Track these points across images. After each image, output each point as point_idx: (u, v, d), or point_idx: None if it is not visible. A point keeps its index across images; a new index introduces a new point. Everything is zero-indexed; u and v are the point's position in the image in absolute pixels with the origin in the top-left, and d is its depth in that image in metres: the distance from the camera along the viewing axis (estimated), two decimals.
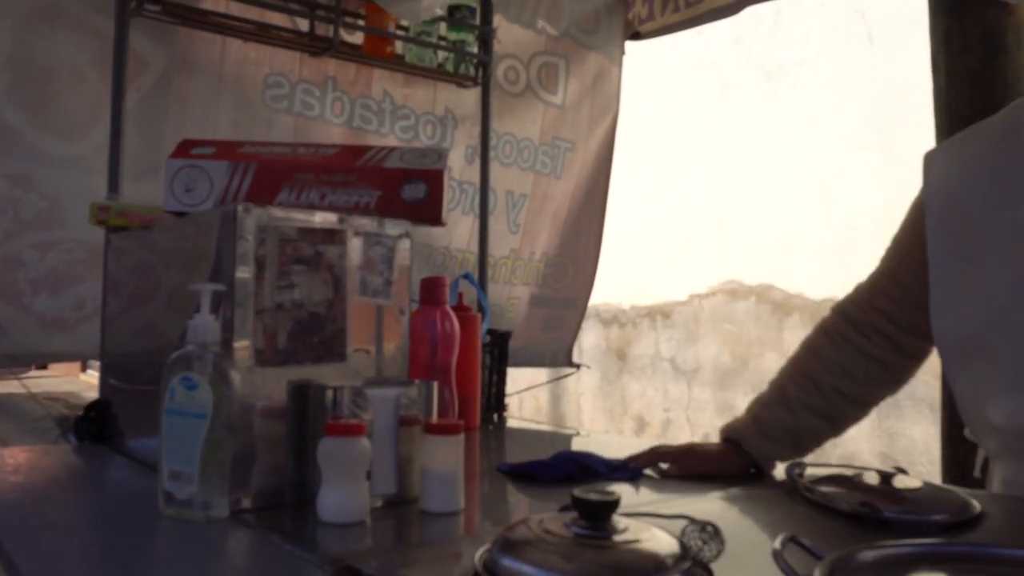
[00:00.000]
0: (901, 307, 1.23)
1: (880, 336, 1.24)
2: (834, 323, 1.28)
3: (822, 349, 1.27)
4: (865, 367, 1.24)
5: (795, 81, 4.31)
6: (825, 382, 1.24)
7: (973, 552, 0.77)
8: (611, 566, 0.67)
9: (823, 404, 1.24)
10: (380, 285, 1.09)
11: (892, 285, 1.24)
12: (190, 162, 1.16)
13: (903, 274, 1.23)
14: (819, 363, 1.25)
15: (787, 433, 1.24)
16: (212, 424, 0.92)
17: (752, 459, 1.24)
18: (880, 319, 1.24)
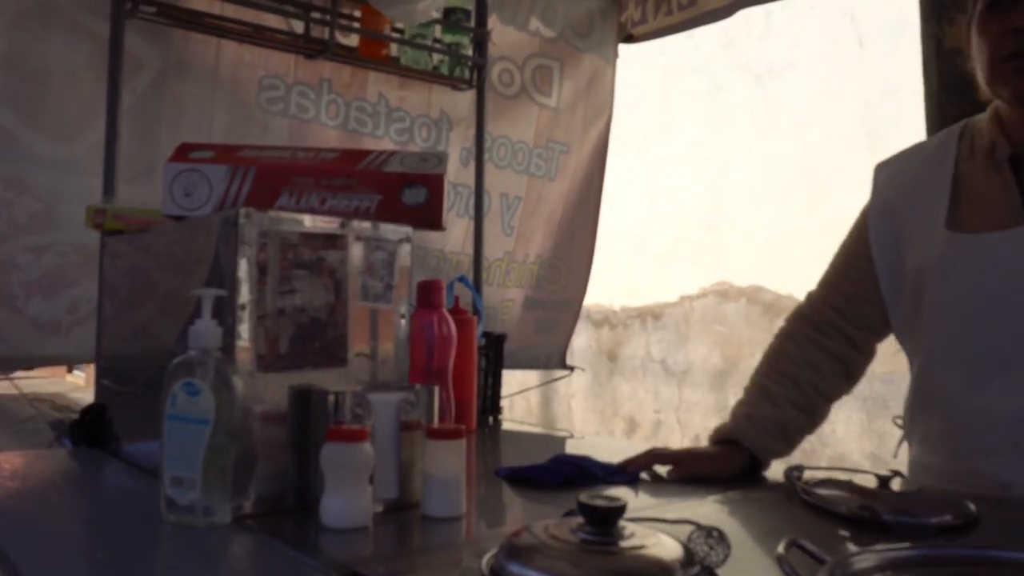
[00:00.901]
0: (853, 303, 1.34)
1: (837, 332, 1.34)
2: (794, 327, 1.38)
3: (790, 350, 1.36)
4: (829, 364, 1.34)
5: (785, 84, 4.33)
6: (801, 378, 1.32)
7: (974, 555, 0.78)
8: (619, 572, 0.68)
9: (802, 399, 1.32)
10: (381, 290, 1.10)
11: (844, 283, 1.35)
12: (189, 166, 1.16)
13: (853, 272, 1.34)
14: (791, 362, 1.34)
15: (777, 428, 1.29)
16: (214, 430, 0.91)
17: (748, 457, 1.26)
18: (836, 316, 1.35)
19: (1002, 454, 1.13)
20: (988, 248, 1.17)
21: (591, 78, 2.76)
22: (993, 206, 1.19)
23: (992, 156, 1.21)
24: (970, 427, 1.17)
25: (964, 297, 1.18)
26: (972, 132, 1.27)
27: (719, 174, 4.54)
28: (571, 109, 2.72)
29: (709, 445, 1.30)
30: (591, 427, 5.29)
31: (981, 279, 1.17)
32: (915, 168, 1.31)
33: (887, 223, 1.30)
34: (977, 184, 1.22)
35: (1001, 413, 1.14)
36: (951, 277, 1.19)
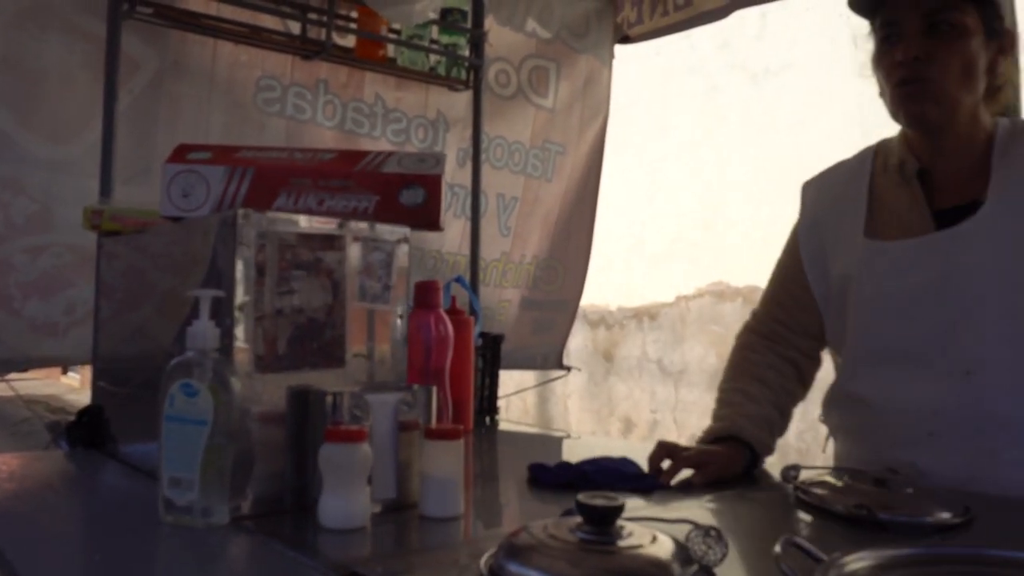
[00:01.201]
0: (794, 315, 1.44)
1: (784, 341, 1.45)
2: (749, 339, 1.48)
3: (752, 357, 1.45)
4: (787, 369, 1.44)
5: (781, 84, 4.34)
6: (771, 380, 1.41)
7: (970, 554, 0.78)
8: (617, 572, 0.68)
9: (776, 399, 1.40)
10: (379, 290, 1.10)
11: (784, 297, 1.46)
12: (187, 167, 1.16)
13: (790, 285, 1.45)
14: (757, 367, 1.43)
15: (766, 424, 1.35)
16: (212, 431, 0.91)
17: (749, 453, 1.28)
18: (781, 328, 1.45)
19: (919, 444, 1.21)
20: (900, 254, 1.27)
21: (587, 79, 2.76)
22: (904, 217, 1.29)
23: (902, 171, 1.32)
24: (889, 420, 1.26)
25: (879, 299, 1.28)
26: (886, 150, 1.38)
27: (715, 174, 4.54)
28: (567, 110, 2.72)
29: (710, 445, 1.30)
30: (587, 427, 5.30)
31: (894, 283, 1.26)
32: (836, 185, 1.42)
33: (815, 237, 1.41)
34: (890, 197, 1.33)
35: (916, 406, 1.22)
36: (868, 282, 1.29)
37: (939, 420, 1.21)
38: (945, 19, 1.22)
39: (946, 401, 1.20)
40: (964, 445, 1.19)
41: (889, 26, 1.25)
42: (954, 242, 1.23)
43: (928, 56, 1.22)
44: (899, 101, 1.25)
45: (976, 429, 1.19)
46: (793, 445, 4.22)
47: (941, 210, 1.27)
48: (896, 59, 1.23)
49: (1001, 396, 1.18)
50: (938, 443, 1.20)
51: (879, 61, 1.28)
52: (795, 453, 4.09)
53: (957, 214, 1.25)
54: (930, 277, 1.23)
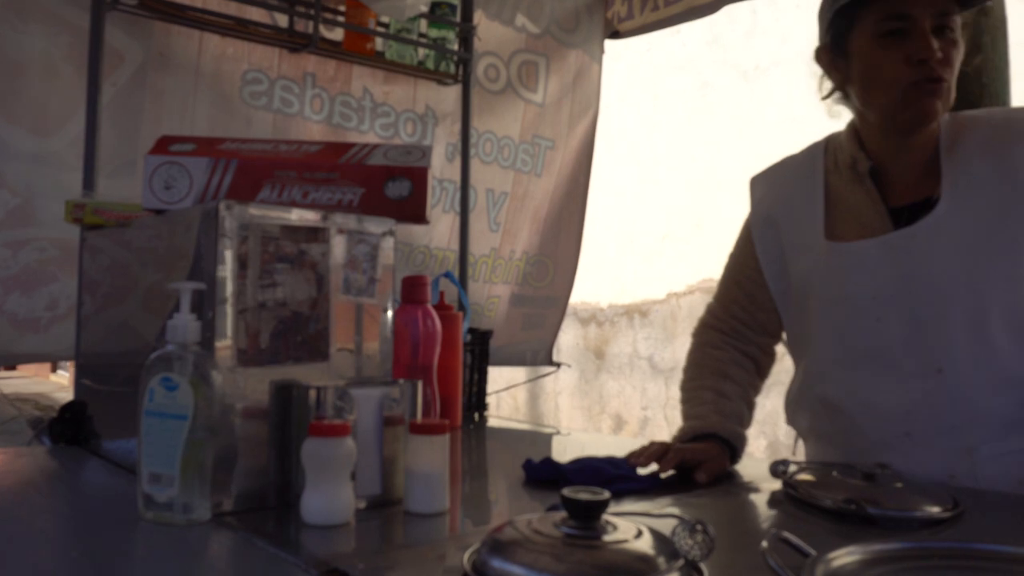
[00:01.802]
0: (750, 312, 1.45)
1: (745, 338, 1.46)
2: (709, 336, 1.48)
3: (716, 354, 1.44)
4: (748, 363, 1.45)
5: (771, 81, 4.34)
6: (734, 375, 1.42)
7: (958, 548, 0.78)
8: (602, 566, 0.67)
9: (743, 392, 1.41)
10: (364, 283, 1.08)
11: (738, 293, 1.46)
12: (169, 159, 1.14)
13: (744, 282, 1.45)
14: (720, 362, 1.43)
15: (739, 420, 1.36)
16: (193, 425, 0.90)
17: (729, 449, 1.28)
18: (739, 325, 1.46)
19: (894, 446, 1.22)
20: (862, 254, 1.26)
21: (577, 74, 2.75)
22: (862, 216, 1.29)
23: (854, 170, 1.31)
24: (864, 423, 1.26)
25: (844, 301, 1.28)
26: (835, 147, 1.37)
27: (706, 171, 4.54)
28: (557, 105, 2.71)
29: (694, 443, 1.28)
30: (578, 424, 5.29)
31: (858, 283, 1.26)
32: (789, 182, 1.41)
33: (771, 235, 1.40)
34: (845, 196, 1.32)
35: (889, 407, 1.23)
36: (832, 283, 1.29)
37: (913, 420, 1.21)
38: (951, 22, 1.21)
39: (919, 401, 1.21)
40: (941, 443, 1.20)
41: (899, 20, 1.20)
42: (914, 240, 1.22)
43: (945, 57, 1.19)
44: (915, 98, 1.20)
45: (951, 426, 1.19)
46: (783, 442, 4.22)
47: (896, 208, 1.27)
48: (917, 56, 1.18)
49: (973, 392, 1.19)
50: (914, 443, 1.21)
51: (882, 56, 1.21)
52: (785, 451, 4.10)
53: (913, 211, 1.25)
54: (894, 276, 1.23)
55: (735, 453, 1.29)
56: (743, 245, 1.47)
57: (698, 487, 1.14)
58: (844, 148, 1.34)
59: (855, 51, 1.25)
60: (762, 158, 1.42)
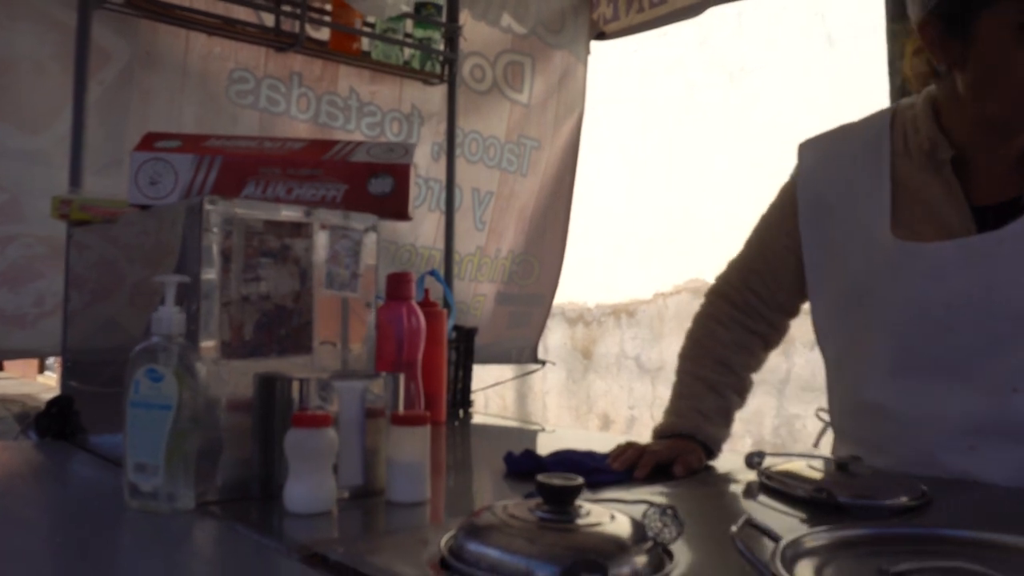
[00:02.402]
0: (771, 289, 1.36)
1: (758, 315, 1.38)
2: (719, 307, 1.39)
3: (720, 334, 1.38)
4: (754, 342, 1.39)
5: (758, 82, 4.37)
6: (734, 363, 1.36)
7: (920, 534, 0.80)
8: (574, 548, 0.69)
9: (738, 382, 1.37)
10: (347, 278, 1.10)
11: (763, 267, 1.36)
12: (155, 155, 1.16)
13: (771, 257, 1.35)
14: (723, 347, 1.37)
15: (723, 415, 1.33)
16: (177, 416, 0.92)
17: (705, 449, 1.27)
18: (755, 300, 1.37)
19: (957, 456, 1.14)
20: (938, 258, 1.14)
21: (563, 74, 2.77)
22: (939, 213, 1.16)
23: (933, 157, 1.17)
24: (924, 433, 1.17)
25: (913, 307, 1.16)
26: (904, 122, 1.22)
27: (693, 172, 4.58)
28: (543, 105, 2.73)
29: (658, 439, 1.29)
30: (566, 423, 5.32)
31: (931, 289, 1.15)
32: (847, 161, 1.26)
33: (821, 220, 1.27)
34: (918, 186, 1.19)
35: (955, 421, 1.14)
36: (899, 286, 1.17)
37: (980, 435, 1.13)
38: None
39: (989, 416, 1.12)
40: (1010, 456, 1.11)
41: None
42: (1000, 246, 1.11)
43: None
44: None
45: (1018, 440, 1.11)
46: (768, 440, 4.26)
47: (980, 207, 1.15)
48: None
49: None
50: (980, 455, 1.13)
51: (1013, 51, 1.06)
52: (770, 448, 4.13)
53: (998, 213, 1.13)
54: (972, 285, 1.12)
55: (711, 454, 1.29)
56: (779, 216, 1.33)
57: (674, 478, 1.16)
58: (920, 128, 1.19)
59: (982, 37, 1.08)
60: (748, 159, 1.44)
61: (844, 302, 1.26)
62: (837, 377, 1.31)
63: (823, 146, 1.32)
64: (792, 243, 1.31)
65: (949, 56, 1.13)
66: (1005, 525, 0.79)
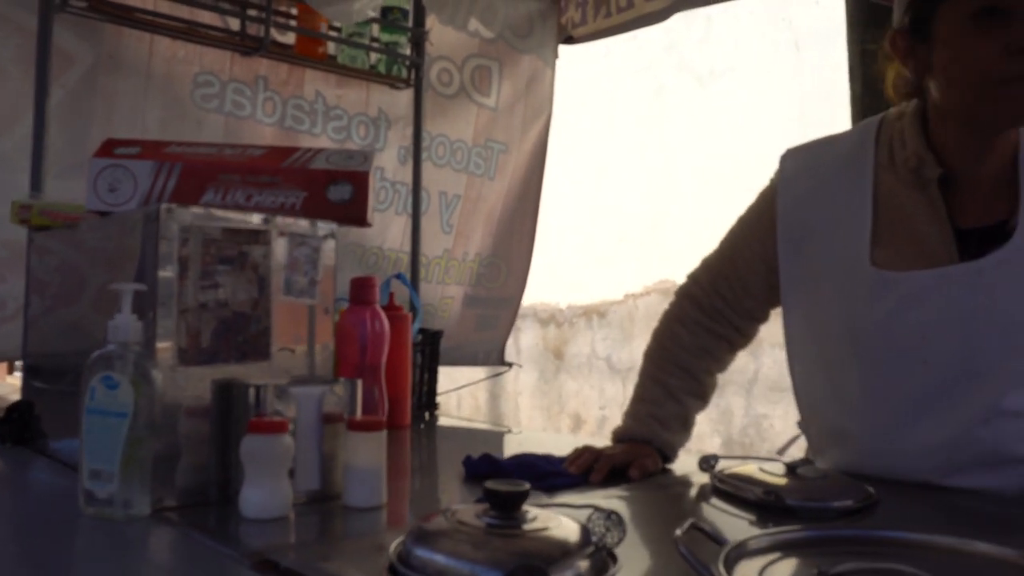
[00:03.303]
0: (739, 295, 1.34)
1: (724, 319, 1.36)
2: (685, 309, 1.38)
3: (683, 338, 1.37)
4: (718, 346, 1.37)
5: (726, 85, 4.41)
6: (696, 367, 1.36)
7: (860, 535, 0.83)
8: (519, 553, 0.70)
9: (699, 387, 1.36)
10: (305, 285, 1.11)
11: (732, 272, 1.34)
12: (114, 161, 1.16)
13: (741, 263, 1.33)
14: (686, 351, 1.36)
15: (681, 422, 1.33)
16: (133, 423, 0.92)
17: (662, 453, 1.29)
18: (722, 304, 1.35)
19: (930, 483, 1.13)
20: (915, 287, 1.11)
21: (530, 79, 2.79)
22: (921, 234, 1.13)
23: (919, 175, 1.14)
24: (902, 458, 1.15)
25: (888, 336, 1.14)
26: (890, 136, 1.19)
27: (662, 174, 4.61)
28: (510, 109, 2.75)
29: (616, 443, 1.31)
30: (538, 424, 5.34)
31: (908, 320, 1.12)
32: (829, 171, 1.23)
33: (802, 239, 1.24)
34: (902, 203, 1.15)
35: (934, 445, 1.12)
36: (874, 314, 1.14)
37: (953, 463, 1.11)
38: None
39: (959, 449, 1.11)
40: (985, 481, 1.10)
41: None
42: (979, 277, 1.08)
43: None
44: (1009, 98, 1.04)
45: (995, 467, 1.10)
46: (737, 440, 4.30)
47: (963, 230, 1.11)
48: (1019, 44, 1.01)
49: (1019, 442, 1.09)
50: (954, 483, 1.12)
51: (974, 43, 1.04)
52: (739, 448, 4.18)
53: (982, 238, 1.10)
54: (949, 316, 1.09)
55: (667, 459, 1.30)
56: (755, 222, 1.31)
57: (630, 482, 1.18)
58: (907, 143, 1.15)
59: (941, 35, 1.07)
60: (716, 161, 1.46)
61: (819, 324, 1.23)
62: (807, 401, 1.31)
63: (806, 156, 1.29)
64: (764, 250, 1.29)
65: (919, 63, 1.12)
66: (946, 527, 0.82)
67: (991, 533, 0.79)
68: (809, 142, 1.31)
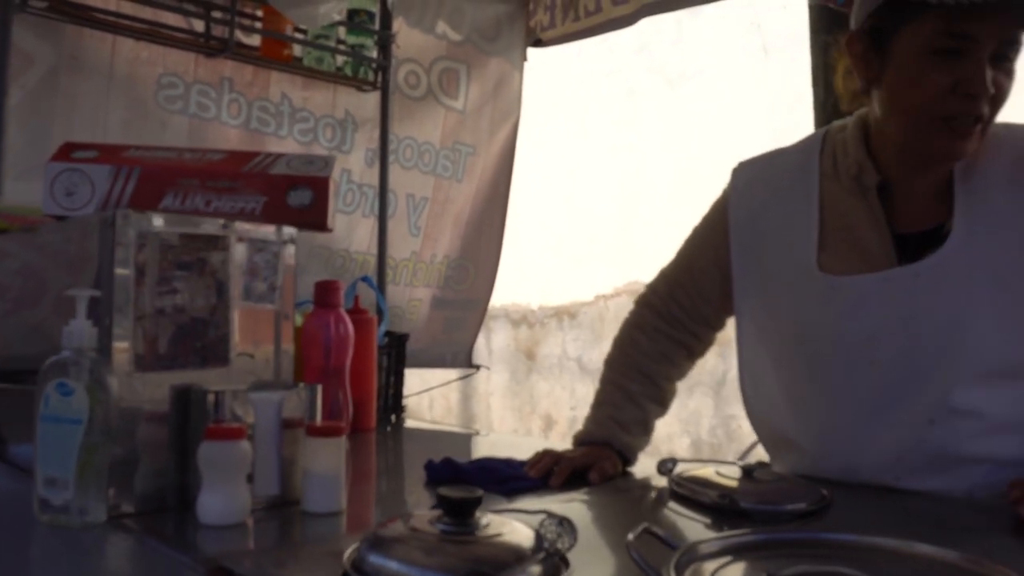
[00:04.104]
0: (695, 302, 1.37)
1: (682, 326, 1.39)
2: (644, 317, 1.41)
3: (643, 344, 1.39)
4: (677, 352, 1.40)
5: (696, 88, 4.45)
6: (656, 373, 1.38)
7: (809, 538, 0.84)
8: (472, 559, 0.71)
9: (658, 392, 1.38)
10: (265, 290, 1.11)
11: (688, 280, 1.38)
12: (71, 165, 1.15)
13: (697, 272, 1.36)
14: (646, 357, 1.38)
15: (641, 426, 1.35)
16: (88, 429, 0.92)
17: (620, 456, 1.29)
18: (679, 311, 1.38)
19: (883, 484, 1.15)
20: (858, 291, 1.15)
21: (498, 81, 2.80)
22: (862, 240, 1.17)
23: (860, 182, 1.18)
24: (854, 458, 1.17)
25: (835, 338, 1.17)
26: (834, 145, 1.23)
27: (632, 176, 4.64)
28: (478, 112, 2.75)
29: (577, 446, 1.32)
30: (509, 425, 5.35)
31: (853, 322, 1.15)
32: (779, 181, 1.28)
33: (753, 248, 1.28)
34: (844, 210, 1.19)
35: (883, 446, 1.15)
36: (822, 318, 1.18)
37: (901, 467, 1.14)
38: (1012, 51, 1.07)
39: (907, 449, 1.13)
40: (931, 485, 1.12)
41: (958, 39, 1.04)
42: (918, 280, 1.11)
43: (996, 92, 1.06)
44: (945, 135, 1.08)
45: (943, 470, 1.12)
46: (706, 440, 4.34)
47: (902, 235, 1.15)
48: (967, 88, 1.04)
49: (966, 441, 1.11)
50: (905, 485, 1.14)
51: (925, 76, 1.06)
52: (708, 448, 4.22)
53: (920, 242, 1.14)
54: (892, 317, 1.12)
55: (628, 462, 1.31)
56: (709, 232, 1.35)
57: (589, 485, 1.19)
58: (849, 152, 1.19)
59: (897, 55, 1.09)
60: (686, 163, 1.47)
61: (770, 329, 1.27)
62: (760, 407, 1.34)
63: (757, 168, 1.34)
64: (717, 258, 1.32)
65: (870, 72, 1.15)
66: (894, 529, 0.84)
67: (936, 535, 0.81)
68: (759, 155, 1.35)
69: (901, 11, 1.08)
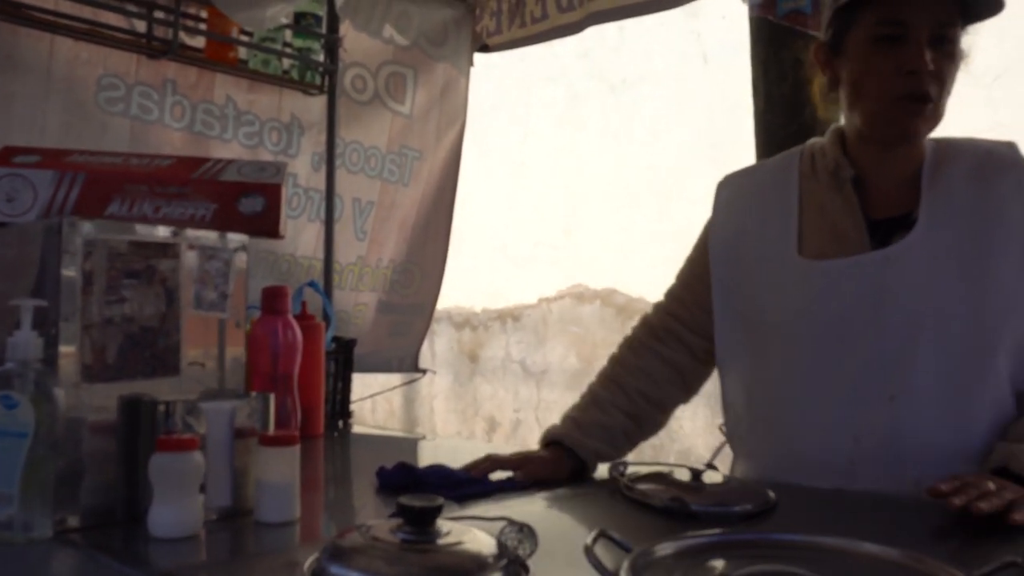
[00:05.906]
0: (691, 309, 1.40)
1: (675, 340, 1.41)
2: (636, 334, 1.45)
3: (626, 358, 1.43)
4: (663, 370, 1.40)
5: (638, 94, 4.51)
6: (629, 385, 1.39)
7: (758, 539, 0.87)
8: (433, 568, 0.72)
9: (628, 404, 1.37)
10: (216, 299, 1.10)
11: (685, 293, 1.43)
12: (12, 171, 1.12)
13: (693, 282, 1.41)
14: (624, 369, 1.41)
15: (603, 431, 1.34)
16: (34, 442, 0.90)
17: (575, 458, 1.30)
18: (674, 323, 1.41)
19: (836, 470, 1.19)
20: (833, 274, 1.22)
21: (445, 86, 2.80)
22: (838, 230, 1.24)
23: (837, 176, 1.27)
24: (807, 445, 1.22)
25: (811, 319, 1.23)
26: (813, 151, 1.33)
27: (575, 180, 4.68)
28: (425, 116, 2.75)
29: (540, 448, 1.33)
30: (453, 428, 5.34)
31: (827, 302, 1.22)
32: (759, 188, 1.37)
33: (734, 245, 1.34)
34: (823, 203, 1.27)
35: (839, 432, 1.19)
36: (799, 300, 1.24)
37: (859, 447, 1.18)
38: (951, 33, 1.16)
39: (867, 428, 1.18)
40: (888, 471, 1.17)
41: (895, 25, 1.16)
42: (887, 262, 1.19)
43: (937, 71, 1.16)
44: (899, 116, 1.19)
45: (897, 456, 1.17)
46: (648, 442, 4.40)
47: (875, 220, 1.24)
48: (906, 67, 1.15)
49: (922, 423, 1.16)
50: (860, 471, 1.18)
51: (872, 64, 1.19)
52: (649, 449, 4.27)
53: (891, 227, 1.22)
54: (862, 298, 1.19)
55: (583, 465, 1.30)
56: (700, 247, 1.42)
57: (543, 492, 1.20)
58: (827, 152, 1.30)
59: (851, 50, 1.21)
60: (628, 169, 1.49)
61: (749, 320, 1.32)
62: (733, 391, 1.37)
63: (738, 181, 1.42)
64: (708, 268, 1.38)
65: (834, 74, 1.26)
66: (839, 528, 0.87)
67: (879, 534, 0.84)
68: (739, 170, 1.44)
69: (850, 13, 1.20)
